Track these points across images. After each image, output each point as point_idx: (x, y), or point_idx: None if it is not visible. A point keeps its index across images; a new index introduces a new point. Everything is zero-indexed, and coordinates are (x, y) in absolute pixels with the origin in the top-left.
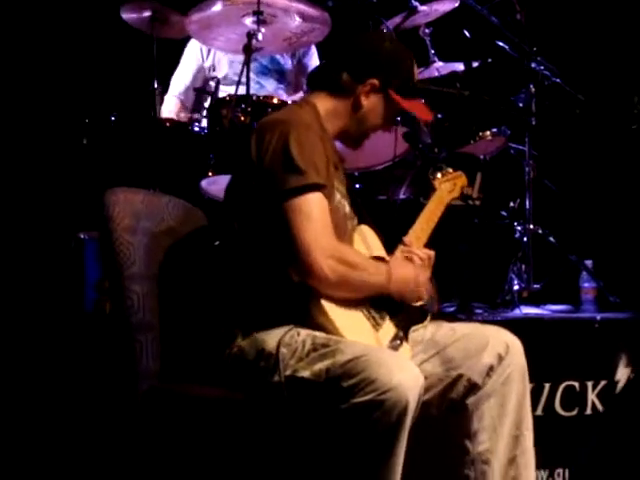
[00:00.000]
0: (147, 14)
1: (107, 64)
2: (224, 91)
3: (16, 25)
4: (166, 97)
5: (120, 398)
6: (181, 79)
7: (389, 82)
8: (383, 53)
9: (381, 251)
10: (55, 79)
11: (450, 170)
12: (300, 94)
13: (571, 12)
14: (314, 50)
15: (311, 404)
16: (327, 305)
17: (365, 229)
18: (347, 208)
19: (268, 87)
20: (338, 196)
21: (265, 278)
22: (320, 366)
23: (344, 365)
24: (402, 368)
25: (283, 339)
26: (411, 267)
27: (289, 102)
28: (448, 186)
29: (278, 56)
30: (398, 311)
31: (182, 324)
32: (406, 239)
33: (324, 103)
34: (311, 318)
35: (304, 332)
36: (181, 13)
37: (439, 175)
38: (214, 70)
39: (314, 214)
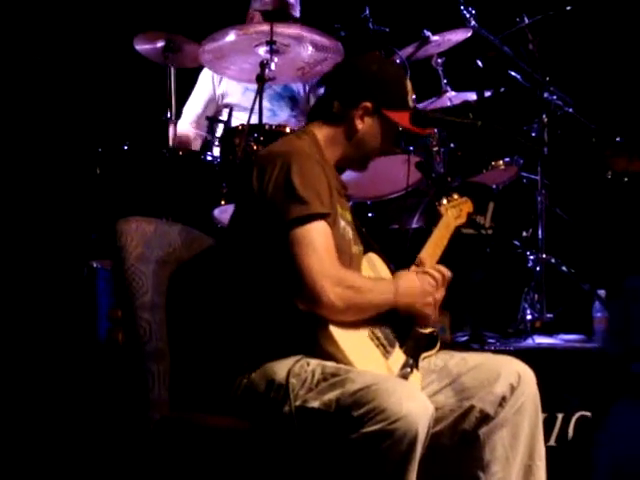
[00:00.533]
0: (160, 44)
1: (120, 93)
2: (236, 118)
3: (31, 56)
4: (179, 124)
5: (132, 427)
6: (193, 107)
7: (382, 102)
8: (371, 75)
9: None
10: (68, 109)
11: (456, 196)
12: None
13: (583, 42)
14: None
15: (321, 434)
16: (336, 333)
17: (373, 257)
18: (351, 234)
19: (281, 114)
20: (342, 222)
21: (273, 308)
22: (330, 396)
23: (354, 394)
24: (412, 397)
25: (293, 369)
26: (417, 280)
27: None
28: (454, 212)
29: (291, 83)
30: (407, 338)
31: (192, 354)
32: (418, 260)
33: (321, 131)
34: (320, 347)
35: (314, 362)
36: (195, 41)
37: (445, 201)
38: (226, 97)
39: (318, 243)
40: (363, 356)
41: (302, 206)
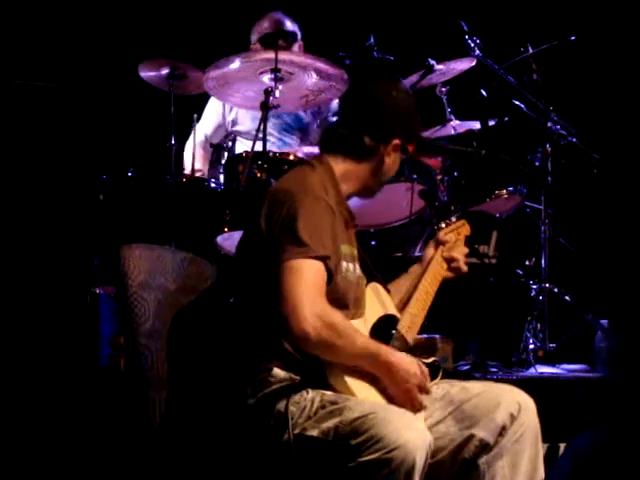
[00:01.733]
0: (165, 71)
1: (124, 120)
2: (245, 144)
3: (34, 84)
4: (187, 144)
5: (133, 454)
6: (202, 131)
7: (408, 138)
8: (401, 111)
9: (392, 309)
10: (72, 136)
11: (454, 219)
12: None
13: (588, 72)
14: (337, 107)
15: (319, 462)
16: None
17: (378, 287)
18: (358, 270)
19: (290, 144)
20: (345, 264)
21: (274, 338)
22: (329, 424)
23: (352, 423)
24: (409, 426)
25: (292, 397)
26: (404, 357)
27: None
28: (452, 237)
29: (301, 113)
30: None
31: (193, 381)
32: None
33: (341, 166)
34: (324, 377)
35: (313, 390)
36: (199, 68)
37: (443, 225)
38: (236, 124)
39: (307, 276)
40: (365, 387)
41: (300, 248)
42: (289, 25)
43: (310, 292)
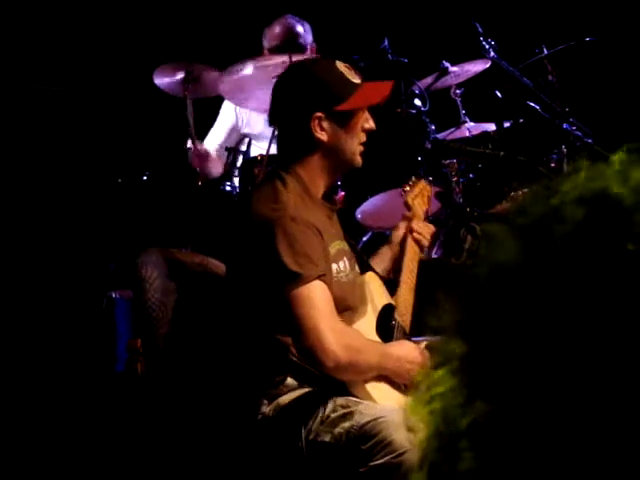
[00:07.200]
0: (180, 76)
1: (139, 124)
2: (260, 147)
3: (52, 88)
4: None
5: (150, 459)
6: (216, 136)
7: (328, 103)
8: (300, 86)
9: (383, 298)
10: (88, 139)
11: (414, 179)
12: None
13: (603, 73)
14: None
15: (331, 468)
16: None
17: (367, 278)
18: (348, 266)
19: None
20: (335, 266)
21: (284, 354)
22: (340, 429)
23: (363, 427)
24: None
25: (306, 404)
26: (407, 346)
27: None
28: (420, 201)
29: None
30: None
31: (208, 386)
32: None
33: (303, 168)
34: (342, 387)
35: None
36: (213, 68)
37: (407, 188)
38: (247, 127)
39: (315, 301)
40: (383, 391)
41: (297, 278)
42: (300, 30)
43: (326, 318)
